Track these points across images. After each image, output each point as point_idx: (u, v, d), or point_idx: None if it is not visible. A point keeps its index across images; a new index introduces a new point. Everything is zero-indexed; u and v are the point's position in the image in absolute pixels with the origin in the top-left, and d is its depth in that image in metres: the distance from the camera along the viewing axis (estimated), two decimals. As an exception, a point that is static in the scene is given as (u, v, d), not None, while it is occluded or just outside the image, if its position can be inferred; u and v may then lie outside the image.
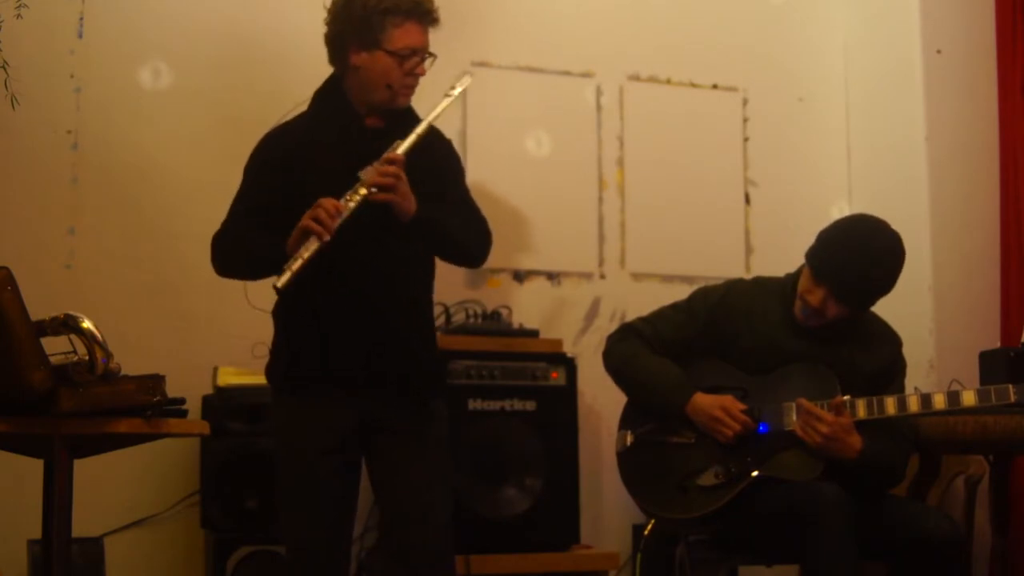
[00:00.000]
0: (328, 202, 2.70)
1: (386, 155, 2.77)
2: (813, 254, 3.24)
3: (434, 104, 2.90)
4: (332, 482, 2.85)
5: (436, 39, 2.94)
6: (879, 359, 3.28)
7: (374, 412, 2.86)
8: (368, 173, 2.74)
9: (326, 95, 2.98)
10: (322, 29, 2.95)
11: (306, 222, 2.69)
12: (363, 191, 2.73)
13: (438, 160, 2.97)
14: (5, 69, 3.68)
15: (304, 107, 3.06)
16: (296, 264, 2.65)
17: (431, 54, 2.92)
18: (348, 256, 2.80)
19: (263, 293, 3.04)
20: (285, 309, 2.93)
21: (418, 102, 2.99)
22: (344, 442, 2.86)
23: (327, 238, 2.66)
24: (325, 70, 3.12)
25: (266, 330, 3.02)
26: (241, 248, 2.91)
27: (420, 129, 2.83)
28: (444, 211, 2.90)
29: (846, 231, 3.23)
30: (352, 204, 2.72)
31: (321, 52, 3.64)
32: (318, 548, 2.84)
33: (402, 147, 2.79)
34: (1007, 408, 3.20)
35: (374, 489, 2.98)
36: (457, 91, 2.92)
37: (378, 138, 2.87)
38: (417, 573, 2.85)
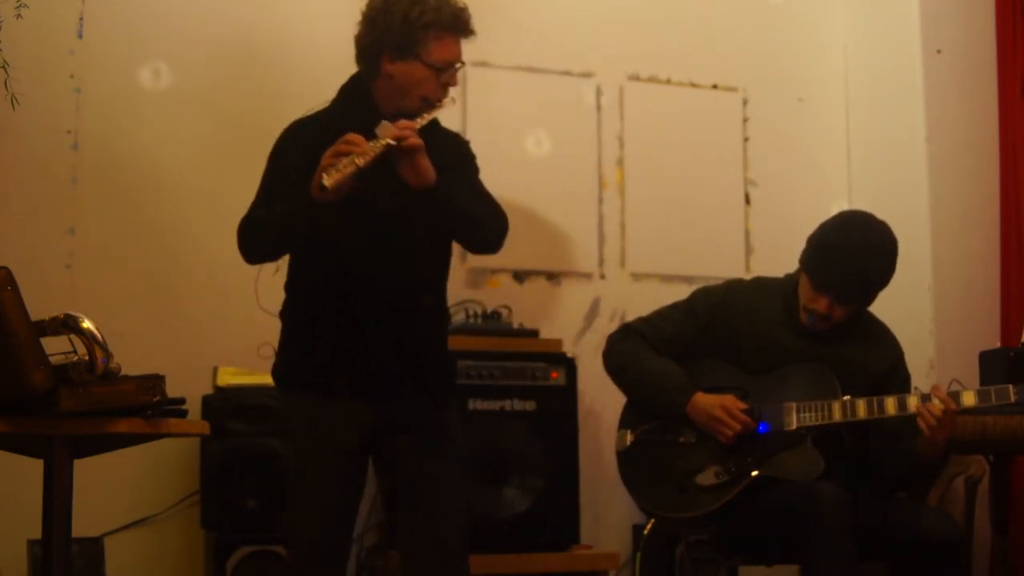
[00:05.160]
0: (353, 135, 2.64)
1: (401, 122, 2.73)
2: (808, 262, 3.24)
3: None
4: (343, 482, 2.83)
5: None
6: (879, 359, 3.28)
7: (390, 412, 2.84)
8: (385, 129, 2.68)
9: (352, 94, 2.95)
10: (321, 29, 2.94)
11: (335, 147, 2.63)
12: (384, 141, 2.66)
13: (456, 157, 2.94)
14: (5, 69, 3.68)
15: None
16: (345, 166, 2.57)
17: (462, 63, 2.91)
18: (362, 254, 2.80)
19: (271, 295, 3.06)
20: (295, 309, 2.91)
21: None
22: (359, 442, 2.84)
23: (362, 162, 2.58)
24: (324, 70, 3.11)
25: (270, 331, 3.01)
26: (263, 221, 2.84)
27: (433, 113, 2.83)
28: (463, 189, 2.88)
29: (834, 234, 3.23)
30: (375, 152, 2.64)
31: (320, 52, 3.65)
32: (324, 547, 2.82)
33: (419, 123, 2.77)
34: (1007, 408, 3.20)
35: (386, 488, 2.95)
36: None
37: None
38: (430, 571, 2.84)
